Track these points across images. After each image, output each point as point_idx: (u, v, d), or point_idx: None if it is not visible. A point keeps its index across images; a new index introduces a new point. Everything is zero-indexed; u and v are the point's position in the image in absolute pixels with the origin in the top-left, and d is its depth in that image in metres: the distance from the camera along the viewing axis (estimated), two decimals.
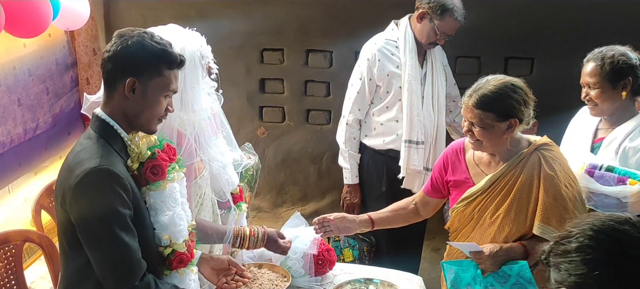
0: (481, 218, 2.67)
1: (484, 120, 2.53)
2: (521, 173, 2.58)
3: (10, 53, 4.09)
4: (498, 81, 2.56)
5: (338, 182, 4.40)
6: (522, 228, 2.58)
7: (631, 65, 2.82)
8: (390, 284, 2.80)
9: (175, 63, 2.17)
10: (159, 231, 2.23)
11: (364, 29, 4.04)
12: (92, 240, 2.07)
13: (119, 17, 5.23)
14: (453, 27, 3.59)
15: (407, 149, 3.64)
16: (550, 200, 2.52)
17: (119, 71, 2.12)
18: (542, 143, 2.62)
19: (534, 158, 2.58)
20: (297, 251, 2.86)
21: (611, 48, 2.87)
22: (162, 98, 2.18)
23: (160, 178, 2.21)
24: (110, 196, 2.04)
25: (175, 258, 2.26)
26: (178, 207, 2.28)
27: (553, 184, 2.52)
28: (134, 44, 2.10)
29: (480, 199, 2.66)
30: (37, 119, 4.42)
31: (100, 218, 2.04)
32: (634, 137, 2.80)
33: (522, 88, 2.57)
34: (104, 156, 2.07)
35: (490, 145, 2.60)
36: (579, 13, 4.39)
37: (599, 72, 2.83)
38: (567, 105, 3.17)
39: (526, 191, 2.57)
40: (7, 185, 4.23)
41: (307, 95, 5.23)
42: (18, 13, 3.54)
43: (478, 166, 2.73)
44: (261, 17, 5.03)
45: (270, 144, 5.46)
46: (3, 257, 2.84)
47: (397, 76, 3.63)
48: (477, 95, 2.54)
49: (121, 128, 2.18)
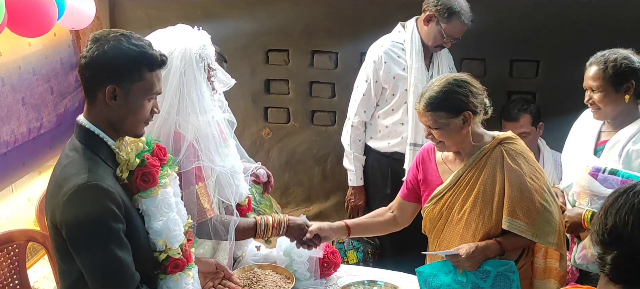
0: (449, 216, 2.71)
1: (438, 120, 2.58)
2: (484, 167, 2.62)
3: (15, 52, 4.09)
4: (441, 80, 2.63)
5: (343, 183, 4.40)
6: (488, 223, 2.61)
7: (634, 68, 2.82)
8: (393, 286, 2.80)
9: (156, 64, 2.10)
10: (154, 237, 2.19)
11: (369, 30, 4.03)
12: (84, 257, 2.03)
13: (124, 16, 5.23)
14: (460, 30, 3.59)
15: (413, 152, 3.64)
16: (516, 193, 2.56)
17: (97, 78, 2.05)
18: (504, 138, 2.66)
19: (496, 153, 2.63)
20: (302, 255, 2.85)
21: (614, 52, 2.87)
22: (145, 101, 2.12)
23: (152, 186, 2.16)
24: (101, 212, 2.00)
25: (170, 263, 2.23)
26: (172, 212, 2.23)
27: (517, 177, 2.57)
28: (111, 48, 2.02)
29: (448, 196, 2.70)
30: (42, 118, 4.42)
31: (91, 235, 2.00)
32: (637, 139, 2.80)
33: (466, 81, 2.62)
34: (92, 171, 2.01)
35: (453, 143, 2.65)
36: (585, 15, 4.37)
37: (601, 75, 2.83)
38: (573, 107, 3.17)
39: (490, 185, 2.60)
40: (11, 184, 4.22)
41: (312, 96, 5.22)
42: (23, 12, 3.53)
43: (445, 164, 2.77)
44: (266, 18, 5.02)
45: (275, 145, 5.46)
46: (7, 256, 2.85)
47: (403, 79, 3.63)
48: (425, 99, 2.60)
49: (107, 136, 2.12)
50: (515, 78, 4.65)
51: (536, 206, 2.55)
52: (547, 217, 2.58)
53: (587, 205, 2.80)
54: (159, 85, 2.15)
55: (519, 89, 4.61)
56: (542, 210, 2.57)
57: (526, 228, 2.55)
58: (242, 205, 2.84)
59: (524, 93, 4.53)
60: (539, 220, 2.56)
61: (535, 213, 2.56)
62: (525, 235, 2.56)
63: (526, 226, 2.55)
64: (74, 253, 2.04)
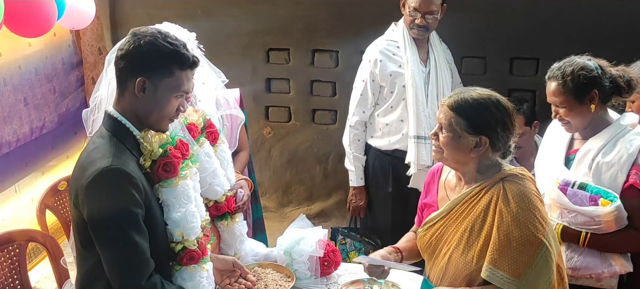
0: (438, 247, 2.46)
1: (454, 125, 2.32)
2: (479, 202, 2.35)
3: (15, 52, 4.10)
4: (485, 92, 2.36)
5: (344, 182, 4.39)
6: (469, 266, 2.33)
7: (593, 77, 2.67)
8: (394, 284, 2.79)
9: (187, 63, 2.17)
10: (172, 227, 2.25)
11: (370, 29, 4.03)
12: (102, 238, 2.09)
13: (124, 16, 5.25)
14: (419, 1, 3.54)
15: (416, 145, 3.63)
16: (503, 239, 2.25)
17: (130, 70, 2.14)
18: (510, 173, 2.36)
19: (495, 189, 2.33)
20: (302, 254, 2.85)
21: (569, 63, 2.73)
22: (172, 98, 2.19)
23: (173, 176, 2.23)
24: (122, 195, 2.06)
25: (186, 254, 2.27)
26: (191, 204, 2.29)
27: (508, 222, 2.26)
28: (147, 43, 2.12)
29: (439, 225, 2.45)
30: (43, 118, 4.43)
31: (111, 217, 2.05)
32: (607, 151, 2.67)
33: (507, 111, 2.34)
34: (116, 156, 2.09)
35: (452, 159, 2.38)
36: (585, 14, 4.37)
37: (562, 90, 2.70)
38: None
39: (478, 225, 2.33)
40: (14, 184, 4.24)
41: (313, 95, 5.23)
42: (22, 12, 3.54)
43: (445, 190, 2.53)
44: (267, 17, 5.03)
45: (276, 144, 5.47)
46: (7, 257, 2.84)
47: (400, 75, 3.63)
48: (456, 97, 2.35)
49: (133, 126, 2.19)
50: (515, 76, 4.65)
51: (525, 260, 2.23)
52: (538, 274, 2.24)
53: (557, 218, 2.72)
54: (188, 85, 2.22)
55: (519, 87, 4.61)
56: (534, 264, 2.24)
57: (510, 281, 2.23)
58: (219, 202, 2.86)
59: (523, 91, 4.53)
60: (529, 274, 2.24)
61: (524, 267, 2.23)
62: (507, 288, 2.24)
63: (510, 279, 2.23)
64: (93, 235, 2.10)
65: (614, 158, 2.64)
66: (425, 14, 3.54)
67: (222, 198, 2.86)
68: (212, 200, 2.82)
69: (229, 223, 2.90)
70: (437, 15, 3.58)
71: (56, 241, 3.02)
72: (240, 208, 2.97)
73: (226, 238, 2.94)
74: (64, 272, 3.03)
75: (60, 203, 3.47)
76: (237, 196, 2.96)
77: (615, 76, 2.69)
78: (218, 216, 2.88)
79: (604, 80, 2.67)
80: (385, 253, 2.67)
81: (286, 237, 2.95)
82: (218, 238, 2.92)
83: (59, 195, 3.47)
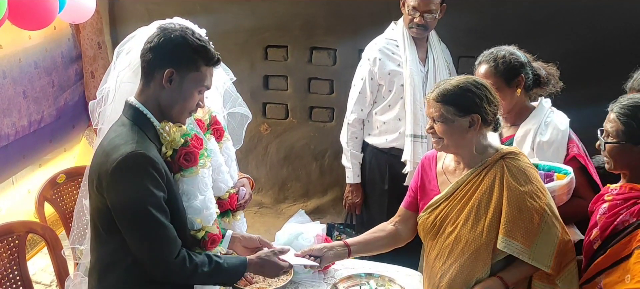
0: (442, 227, 2.60)
1: (445, 114, 2.48)
2: (482, 182, 2.51)
3: (15, 45, 4.11)
4: (461, 77, 2.55)
5: (340, 179, 4.42)
6: (478, 240, 2.48)
7: (522, 62, 2.95)
8: (390, 279, 2.83)
9: (212, 60, 2.27)
10: (192, 215, 2.34)
11: (367, 27, 4.05)
12: (129, 222, 2.15)
13: (124, 11, 5.25)
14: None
15: (413, 143, 3.65)
16: (514, 212, 2.44)
17: (159, 61, 2.21)
18: (508, 152, 2.54)
19: (497, 168, 2.51)
20: (301, 249, 2.87)
21: (500, 49, 3.01)
22: (196, 92, 2.27)
23: (193, 165, 2.33)
24: (146, 179, 2.13)
25: (209, 239, 2.37)
26: (209, 191, 2.41)
27: (517, 196, 2.45)
28: (177, 37, 2.21)
29: (443, 207, 2.59)
30: (42, 111, 4.44)
31: (137, 200, 2.12)
32: (543, 130, 2.92)
33: (486, 86, 2.52)
34: (139, 142, 2.16)
35: (453, 143, 2.53)
36: (582, 14, 4.40)
37: (493, 72, 2.95)
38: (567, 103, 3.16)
39: (485, 201, 2.49)
40: (11, 176, 4.25)
41: (311, 92, 5.25)
42: (24, 5, 3.55)
43: (445, 175, 2.67)
44: (266, 14, 5.04)
45: (273, 140, 5.48)
46: (6, 248, 2.86)
47: (399, 74, 3.65)
48: (439, 89, 2.51)
49: (154, 117, 2.26)
50: None
51: (535, 228, 2.43)
52: (545, 240, 2.45)
53: None
54: (210, 80, 2.31)
55: None
56: (541, 232, 2.44)
57: (523, 250, 2.43)
58: (222, 199, 2.89)
59: None
60: (537, 242, 2.44)
61: (534, 235, 2.44)
62: (521, 256, 2.44)
63: (523, 247, 2.43)
64: (117, 219, 2.16)
65: (552, 136, 2.92)
66: (424, 12, 3.56)
67: (226, 196, 2.89)
68: (215, 196, 2.81)
69: (230, 220, 2.93)
70: (436, 15, 3.61)
71: (55, 233, 3.03)
72: (242, 206, 2.99)
73: None
74: (62, 264, 3.04)
75: (59, 196, 3.49)
76: (240, 194, 2.99)
77: (536, 68, 3.01)
78: (220, 214, 2.89)
79: (528, 69, 2.97)
80: (319, 248, 2.77)
81: (285, 232, 2.98)
82: None
83: (58, 187, 3.49)
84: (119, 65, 2.49)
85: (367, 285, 2.79)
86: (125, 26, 5.12)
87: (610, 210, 2.53)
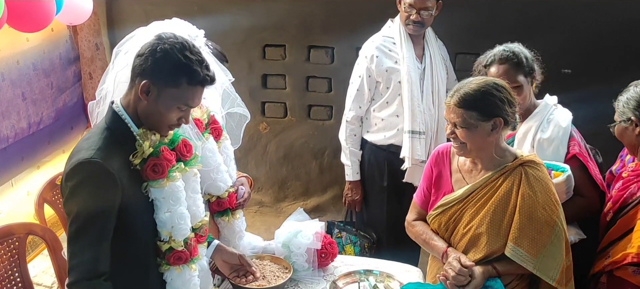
0: (455, 229, 2.56)
1: (467, 119, 2.41)
2: (500, 187, 2.47)
3: (13, 47, 4.11)
4: (480, 80, 2.46)
5: (339, 177, 4.43)
6: (494, 244, 2.46)
7: (534, 58, 2.98)
8: (389, 275, 2.83)
9: (196, 79, 2.15)
10: (160, 226, 2.25)
11: (365, 26, 4.05)
12: (69, 227, 2.09)
13: (121, 12, 5.25)
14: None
15: (411, 139, 3.66)
16: (524, 220, 2.42)
17: (140, 69, 2.14)
18: (528, 160, 2.49)
19: (516, 174, 2.47)
20: (300, 246, 2.88)
21: (509, 46, 3.00)
22: (174, 108, 2.18)
23: (160, 177, 2.21)
24: (94, 190, 2.07)
25: (173, 255, 2.28)
26: (180, 206, 2.28)
27: (530, 205, 2.42)
28: (162, 50, 2.12)
29: (456, 209, 2.55)
30: (41, 113, 4.44)
31: (78, 211, 2.06)
32: (544, 128, 2.90)
33: (506, 88, 2.45)
34: (100, 149, 2.08)
35: (475, 147, 2.47)
36: (579, 11, 4.41)
37: (515, 68, 2.91)
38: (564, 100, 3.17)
39: (502, 207, 2.46)
40: (11, 178, 4.25)
41: (309, 91, 5.26)
42: (22, 7, 3.56)
43: (460, 174, 2.62)
44: (263, 13, 5.05)
45: (272, 139, 5.49)
46: (7, 250, 2.86)
47: (396, 71, 3.66)
48: (459, 94, 2.42)
49: (133, 123, 2.20)
50: None
51: (543, 239, 2.41)
52: (553, 252, 2.42)
53: None
54: (195, 100, 2.21)
55: None
56: (550, 244, 2.42)
57: (529, 259, 2.41)
58: (222, 198, 2.89)
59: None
60: (544, 253, 2.41)
61: (541, 246, 2.41)
62: (526, 265, 2.41)
63: (529, 257, 2.41)
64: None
65: (552, 133, 2.89)
66: (420, 10, 3.57)
67: (225, 194, 2.89)
68: (214, 195, 2.86)
69: (230, 219, 2.93)
70: (432, 12, 3.61)
71: (55, 234, 3.03)
72: (241, 204, 3.00)
73: (226, 234, 2.96)
74: (63, 265, 3.03)
75: (58, 197, 3.49)
76: (238, 193, 2.99)
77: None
78: (219, 212, 2.91)
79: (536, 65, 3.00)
80: None
81: (284, 230, 2.98)
82: (217, 234, 2.95)
83: (57, 189, 3.48)
84: (117, 65, 2.48)
85: (366, 282, 2.80)
86: (122, 27, 5.12)
87: (624, 184, 2.61)
